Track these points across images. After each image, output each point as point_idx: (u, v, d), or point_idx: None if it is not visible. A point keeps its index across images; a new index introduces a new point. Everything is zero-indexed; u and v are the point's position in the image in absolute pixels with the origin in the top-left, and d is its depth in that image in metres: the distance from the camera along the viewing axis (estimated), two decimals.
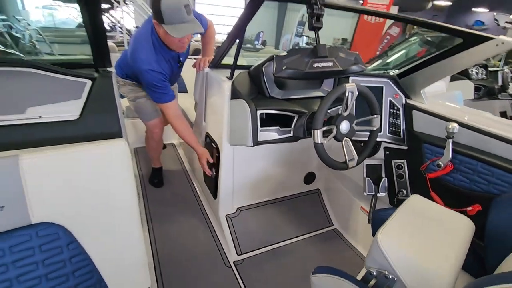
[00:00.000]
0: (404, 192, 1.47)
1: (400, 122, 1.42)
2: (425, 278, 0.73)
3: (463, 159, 1.18)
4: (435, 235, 0.86)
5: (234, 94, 1.30)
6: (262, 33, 15.45)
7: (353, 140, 1.54)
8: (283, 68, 1.06)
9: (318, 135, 1.06)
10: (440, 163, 1.21)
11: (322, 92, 1.48)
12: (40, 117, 0.85)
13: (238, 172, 1.61)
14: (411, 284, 0.76)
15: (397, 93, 1.42)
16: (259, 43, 11.24)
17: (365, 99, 1.19)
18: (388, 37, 11.75)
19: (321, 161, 1.13)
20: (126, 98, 1.82)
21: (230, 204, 1.66)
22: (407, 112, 1.41)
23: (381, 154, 1.56)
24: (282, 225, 1.70)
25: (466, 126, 1.19)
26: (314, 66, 1.09)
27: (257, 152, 1.62)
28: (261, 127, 1.27)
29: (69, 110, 0.88)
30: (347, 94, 1.06)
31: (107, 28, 8.47)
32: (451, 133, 1.15)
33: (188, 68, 1.82)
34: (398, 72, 1.50)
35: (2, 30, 5.10)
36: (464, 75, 3.07)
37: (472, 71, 3.10)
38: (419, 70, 1.38)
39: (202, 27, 1.36)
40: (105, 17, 7.94)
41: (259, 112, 1.22)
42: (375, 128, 1.21)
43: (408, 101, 1.42)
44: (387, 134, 1.45)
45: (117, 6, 5.75)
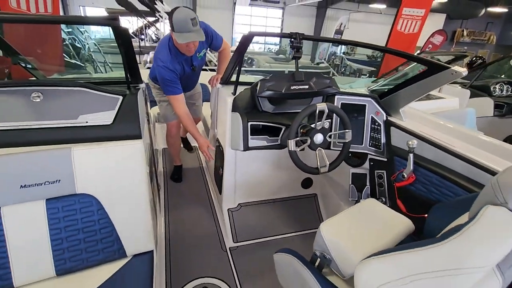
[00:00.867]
0: (383, 199, 1.61)
1: (380, 137, 1.57)
2: (346, 258, 0.94)
3: (423, 172, 1.31)
4: (367, 228, 1.04)
5: (234, 108, 1.57)
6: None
7: (351, 152, 1.74)
8: (265, 89, 1.32)
9: (291, 144, 1.28)
10: (404, 174, 1.36)
11: None
12: (87, 122, 1.21)
13: (241, 173, 1.87)
14: (338, 261, 0.96)
15: (378, 110, 1.58)
16: (292, 52, 11.12)
17: (337, 116, 1.39)
18: (430, 45, 11.22)
19: (296, 166, 1.35)
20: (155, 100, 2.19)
21: (232, 199, 1.93)
22: (387, 128, 1.55)
23: (366, 165, 1.72)
24: (277, 222, 1.93)
25: (429, 142, 1.31)
26: (291, 88, 1.33)
27: (258, 156, 1.87)
28: (253, 135, 1.53)
29: (106, 118, 1.23)
30: (317, 112, 1.28)
31: (153, 38, 9.36)
32: (411, 148, 1.29)
33: None
34: (379, 94, 1.66)
35: (67, 42, 5.96)
36: (485, 91, 3.01)
37: (495, 88, 3.02)
38: (396, 92, 1.53)
39: (204, 37, 1.63)
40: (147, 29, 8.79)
41: (250, 123, 1.47)
42: (347, 141, 1.40)
43: (389, 118, 1.58)
44: (368, 146, 1.62)
45: (161, 19, 6.45)
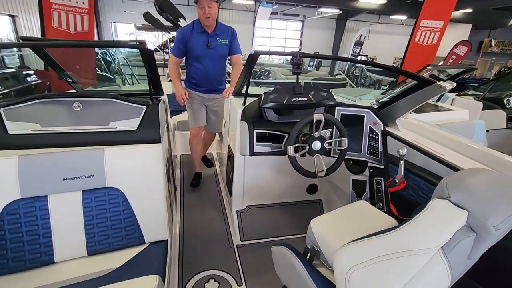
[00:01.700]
0: (381, 204, 1.69)
1: (378, 145, 1.68)
2: (329, 248, 1.06)
3: (412, 177, 1.39)
4: (352, 225, 1.15)
5: (243, 117, 1.74)
6: (318, 53, 15.83)
7: (352, 160, 1.85)
8: (268, 101, 1.48)
9: (290, 149, 1.42)
10: (396, 180, 1.45)
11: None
12: (116, 127, 1.42)
13: (249, 177, 2.03)
14: (325, 253, 1.08)
15: (376, 121, 1.68)
16: (314, 64, 10.95)
17: (333, 125, 1.52)
18: (453, 56, 10.94)
19: (295, 170, 1.49)
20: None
21: (241, 201, 2.09)
22: (384, 137, 1.65)
23: (367, 172, 1.82)
24: (282, 224, 2.05)
25: (419, 150, 1.41)
26: (292, 100, 1.48)
27: (266, 163, 2.03)
28: (259, 142, 1.69)
29: (132, 124, 1.44)
30: (314, 121, 1.42)
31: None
32: (401, 155, 1.38)
33: None
34: (377, 106, 1.77)
35: (99, 56, 6.50)
36: (498, 103, 2.99)
37: (509, 100, 3.00)
38: (392, 104, 1.63)
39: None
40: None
41: (255, 131, 1.64)
42: (343, 148, 1.52)
43: (387, 128, 1.68)
44: (366, 154, 1.72)
45: None
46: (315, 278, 1.01)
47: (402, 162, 1.38)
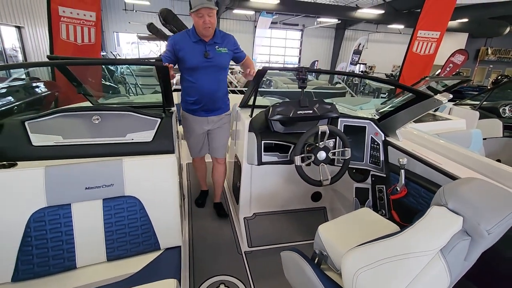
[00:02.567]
0: (383, 211, 1.77)
1: (379, 155, 1.76)
2: (336, 252, 1.13)
3: (413, 185, 1.47)
4: (357, 231, 1.22)
5: (250, 128, 1.83)
6: (317, 61, 16.06)
7: (355, 168, 1.93)
8: (275, 114, 1.57)
9: (297, 159, 1.50)
10: (397, 188, 1.53)
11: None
12: (133, 139, 1.51)
13: (256, 186, 2.10)
14: (332, 257, 1.15)
15: (377, 131, 1.77)
16: (314, 73, 11.07)
17: (337, 136, 1.60)
18: (451, 65, 11.13)
19: (302, 179, 1.57)
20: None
21: (248, 209, 2.16)
22: (385, 147, 1.74)
23: (369, 180, 1.90)
24: (288, 231, 2.12)
25: (418, 159, 1.49)
26: (298, 113, 1.57)
27: (271, 171, 2.11)
28: (266, 152, 1.77)
29: (147, 136, 1.52)
30: (319, 133, 1.50)
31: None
32: (402, 164, 1.46)
33: None
34: (378, 116, 1.86)
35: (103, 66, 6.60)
36: (494, 113, 3.09)
37: (505, 109, 3.10)
38: (392, 115, 1.73)
39: (214, 4, 1.68)
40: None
41: (263, 142, 1.72)
42: (346, 157, 1.60)
43: (387, 138, 1.76)
44: (368, 163, 1.80)
45: None
46: (324, 281, 1.08)
47: (402, 171, 1.46)
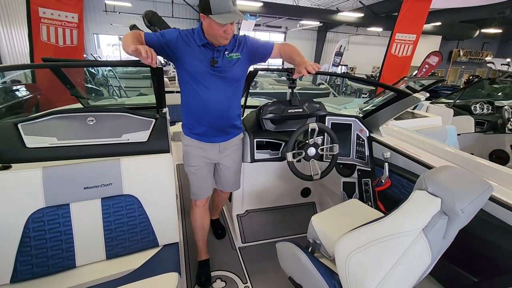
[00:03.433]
0: (370, 203, 1.88)
1: (364, 150, 1.87)
2: (329, 240, 1.22)
3: (396, 177, 1.59)
4: (347, 219, 1.32)
5: (243, 127, 1.90)
6: None
7: (342, 163, 2.03)
8: (267, 113, 1.65)
9: (289, 156, 1.58)
10: (382, 180, 1.64)
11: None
12: (128, 139, 1.53)
13: (248, 183, 2.16)
14: (325, 244, 1.24)
15: (362, 128, 1.88)
16: None
17: (326, 133, 1.70)
18: (427, 66, 11.67)
19: (294, 174, 1.64)
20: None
21: (241, 206, 2.21)
22: (369, 142, 1.85)
23: (355, 174, 2.01)
24: (279, 226, 2.19)
25: (400, 153, 1.62)
26: (288, 111, 1.65)
27: (263, 169, 2.18)
28: (258, 150, 1.84)
29: (142, 136, 1.55)
30: (309, 130, 1.59)
31: (162, 62, 9.91)
32: (386, 158, 1.58)
33: None
34: (362, 114, 1.98)
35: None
36: (467, 110, 3.32)
37: (476, 107, 3.34)
38: (375, 113, 1.85)
39: (243, 16, 1.33)
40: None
41: (255, 140, 1.79)
42: (335, 153, 1.70)
43: (371, 134, 1.88)
44: (354, 158, 1.91)
45: None
46: (319, 267, 1.16)
47: (386, 164, 1.57)
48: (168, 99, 1.99)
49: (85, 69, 6.52)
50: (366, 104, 2.74)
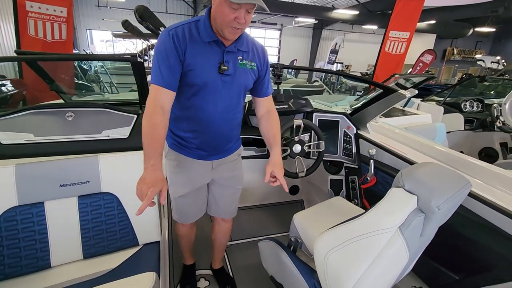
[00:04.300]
0: (356, 201, 1.87)
1: (352, 147, 1.86)
2: (310, 238, 1.20)
3: (381, 174, 1.58)
4: (329, 217, 1.31)
5: None
6: (295, 60, 16.34)
7: (330, 161, 2.02)
8: (252, 108, 1.62)
9: None
10: (368, 177, 1.63)
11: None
12: (109, 136, 1.49)
13: None
14: (306, 243, 1.22)
15: (349, 125, 1.87)
16: (293, 71, 11.14)
17: (311, 129, 1.68)
18: (421, 64, 11.73)
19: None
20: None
21: None
22: (356, 139, 1.84)
23: (343, 172, 2.00)
24: (266, 224, 2.17)
25: (386, 150, 1.60)
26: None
27: (250, 166, 2.15)
28: (244, 146, 1.81)
29: (123, 132, 1.51)
30: (294, 126, 1.57)
31: (145, 58, 9.73)
32: (371, 155, 1.56)
33: None
34: (351, 111, 1.97)
35: (75, 64, 6.35)
36: (457, 108, 3.33)
37: (466, 104, 3.35)
38: (363, 110, 1.83)
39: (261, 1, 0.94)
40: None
41: (241, 137, 1.77)
42: (321, 150, 1.68)
43: (359, 131, 1.87)
44: (341, 156, 1.90)
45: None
46: (299, 266, 1.14)
47: (372, 161, 1.56)
48: None
49: (76, 65, 6.46)
50: (357, 102, 2.72)
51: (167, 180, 1.26)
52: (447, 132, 2.88)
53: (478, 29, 13.37)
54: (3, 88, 3.55)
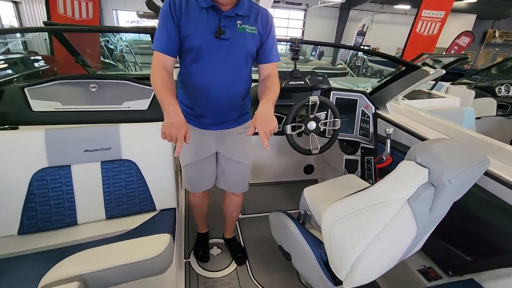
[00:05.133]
0: (371, 181, 1.85)
1: (369, 127, 1.81)
2: (318, 211, 1.21)
3: (398, 155, 1.54)
4: (340, 192, 1.30)
5: None
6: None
7: (346, 140, 1.98)
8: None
9: (288, 128, 1.55)
10: (383, 157, 1.59)
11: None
12: (129, 107, 1.56)
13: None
14: (315, 216, 1.24)
15: (368, 104, 1.81)
16: (316, 54, 10.86)
17: (327, 107, 1.65)
18: (456, 47, 10.92)
19: (292, 147, 1.63)
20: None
21: None
22: (375, 119, 1.79)
23: (359, 152, 1.96)
24: (280, 200, 2.21)
25: (404, 129, 1.55)
26: (290, 83, 1.61)
27: None
28: None
29: (143, 104, 1.57)
30: (310, 103, 1.55)
31: None
32: (388, 134, 1.51)
33: None
34: (371, 90, 1.90)
35: (102, 44, 6.55)
36: (490, 92, 3.10)
37: (500, 88, 3.11)
38: (383, 88, 1.76)
39: None
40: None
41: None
42: (336, 128, 1.65)
43: (377, 111, 1.81)
44: (358, 135, 1.86)
45: None
46: (306, 236, 1.17)
47: (388, 140, 1.52)
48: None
49: (103, 45, 6.65)
50: (379, 83, 2.62)
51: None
52: (477, 118, 2.72)
53: None
54: (35, 63, 3.76)
